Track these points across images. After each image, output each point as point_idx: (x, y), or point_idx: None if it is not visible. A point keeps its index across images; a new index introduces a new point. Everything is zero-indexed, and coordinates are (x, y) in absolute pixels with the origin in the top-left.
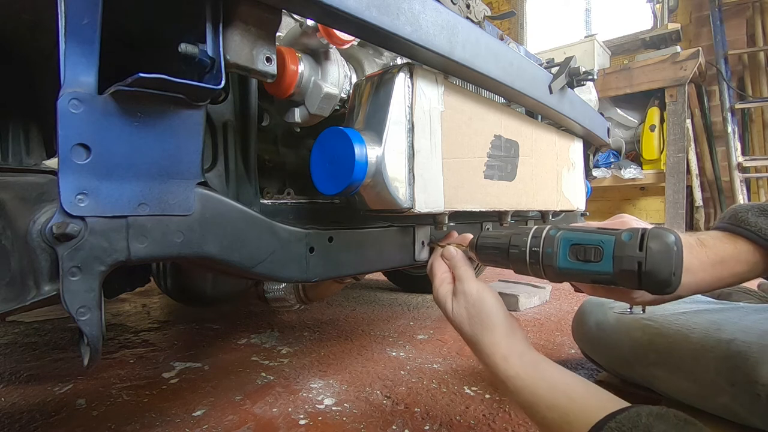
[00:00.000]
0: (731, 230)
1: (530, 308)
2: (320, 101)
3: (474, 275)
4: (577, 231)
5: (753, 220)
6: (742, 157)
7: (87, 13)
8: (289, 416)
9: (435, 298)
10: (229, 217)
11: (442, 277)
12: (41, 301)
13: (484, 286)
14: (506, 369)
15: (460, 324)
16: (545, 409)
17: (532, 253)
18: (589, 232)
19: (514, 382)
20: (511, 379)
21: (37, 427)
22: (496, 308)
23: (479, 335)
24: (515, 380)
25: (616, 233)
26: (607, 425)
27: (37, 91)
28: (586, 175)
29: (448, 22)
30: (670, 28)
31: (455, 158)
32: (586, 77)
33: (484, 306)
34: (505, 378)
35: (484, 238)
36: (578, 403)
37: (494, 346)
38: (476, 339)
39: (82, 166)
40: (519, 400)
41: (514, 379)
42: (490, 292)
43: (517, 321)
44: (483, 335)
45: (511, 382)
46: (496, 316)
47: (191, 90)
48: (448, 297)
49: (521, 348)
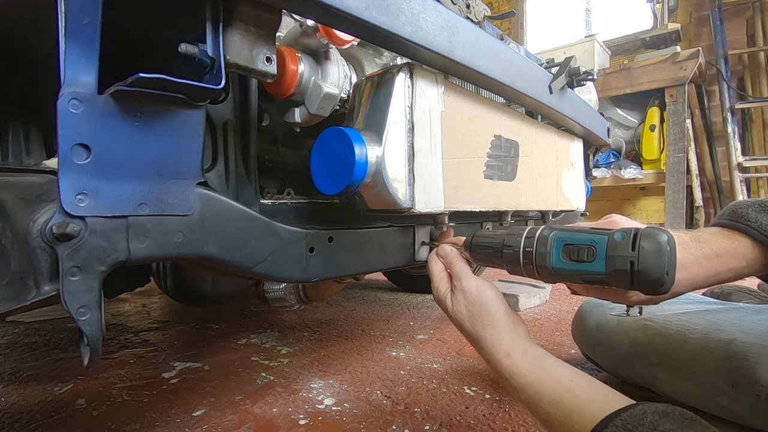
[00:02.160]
0: (730, 226)
1: (530, 308)
2: (320, 101)
3: (470, 272)
4: (570, 231)
5: (753, 216)
6: (742, 157)
7: (87, 13)
8: (289, 416)
9: (435, 297)
10: (229, 217)
11: (440, 276)
12: (41, 301)
13: (483, 282)
14: (509, 366)
15: (460, 322)
16: (548, 405)
17: (526, 253)
18: (583, 232)
19: (517, 379)
20: (514, 376)
21: (37, 427)
22: (496, 304)
23: (480, 332)
24: (518, 377)
25: (608, 233)
26: (612, 423)
27: (37, 91)
28: (586, 175)
29: (448, 22)
30: (670, 28)
31: (455, 158)
32: (586, 77)
33: (484, 302)
34: (508, 375)
35: (478, 237)
36: (582, 400)
37: (496, 343)
38: (478, 336)
39: (82, 166)
40: (522, 397)
41: (517, 376)
42: (490, 288)
43: (518, 316)
44: (484, 332)
45: (514, 379)
46: (497, 312)
47: (191, 90)
48: (447, 295)
49: (524, 344)
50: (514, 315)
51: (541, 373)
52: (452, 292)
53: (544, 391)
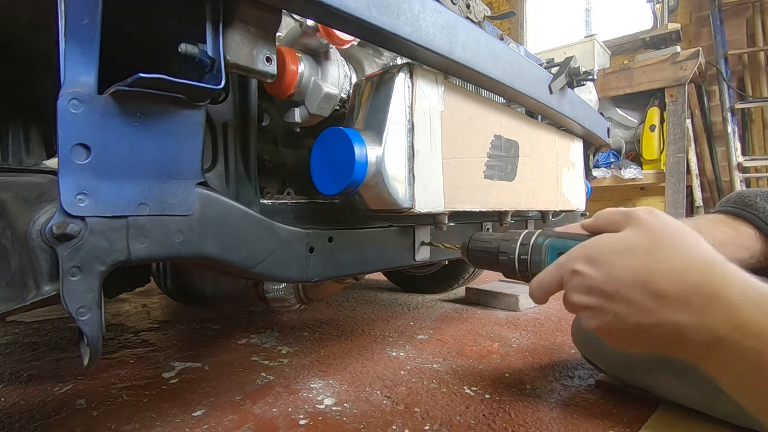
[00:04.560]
0: (736, 213)
1: (530, 308)
2: (320, 101)
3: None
4: (564, 238)
5: (762, 205)
6: (742, 157)
7: (87, 13)
8: (289, 416)
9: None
10: (229, 217)
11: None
12: (41, 301)
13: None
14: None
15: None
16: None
17: (521, 260)
18: (576, 239)
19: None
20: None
21: (37, 427)
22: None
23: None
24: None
25: None
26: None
27: (37, 91)
28: (586, 175)
29: (448, 22)
30: (670, 28)
31: (455, 158)
32: (586, 77)
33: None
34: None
35: (475, 242)
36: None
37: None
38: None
39: (82, 166)
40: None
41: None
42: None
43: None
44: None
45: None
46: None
47: (191, 90)
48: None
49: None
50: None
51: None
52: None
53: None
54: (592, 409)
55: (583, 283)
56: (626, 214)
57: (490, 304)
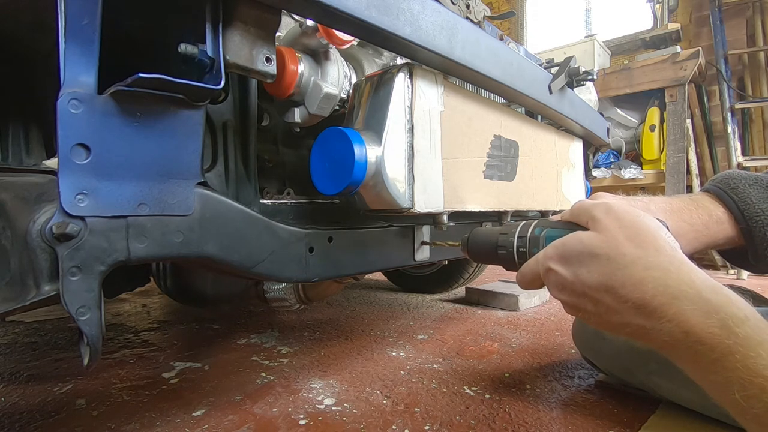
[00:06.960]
0: (717, 193)
1: (530, 308)
2: (320, 101)
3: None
4: (560, 228)
5: (743, 189)
6: (742, 157)
7: (87, 13)
8: (289, 416)
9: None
10: (228, 217)
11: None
12: (41, 301)
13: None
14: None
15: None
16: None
17: (520, 254)
18: (571, 230)
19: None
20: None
21: (37, 427)
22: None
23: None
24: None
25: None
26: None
27: (37, 91)
28: (586, 175)
29: (448, 22)
30: (670, 28)
31: (455, 158)
32: (585, 77)
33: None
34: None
35: (475, 237)
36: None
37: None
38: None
39: (82, 166)
40: (737, 358)
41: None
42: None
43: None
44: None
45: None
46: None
47: (191, 90)
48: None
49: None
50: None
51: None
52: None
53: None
54: (592, 410)
55: (557, 281)
56: (589, 212)
57: (490, 304)
